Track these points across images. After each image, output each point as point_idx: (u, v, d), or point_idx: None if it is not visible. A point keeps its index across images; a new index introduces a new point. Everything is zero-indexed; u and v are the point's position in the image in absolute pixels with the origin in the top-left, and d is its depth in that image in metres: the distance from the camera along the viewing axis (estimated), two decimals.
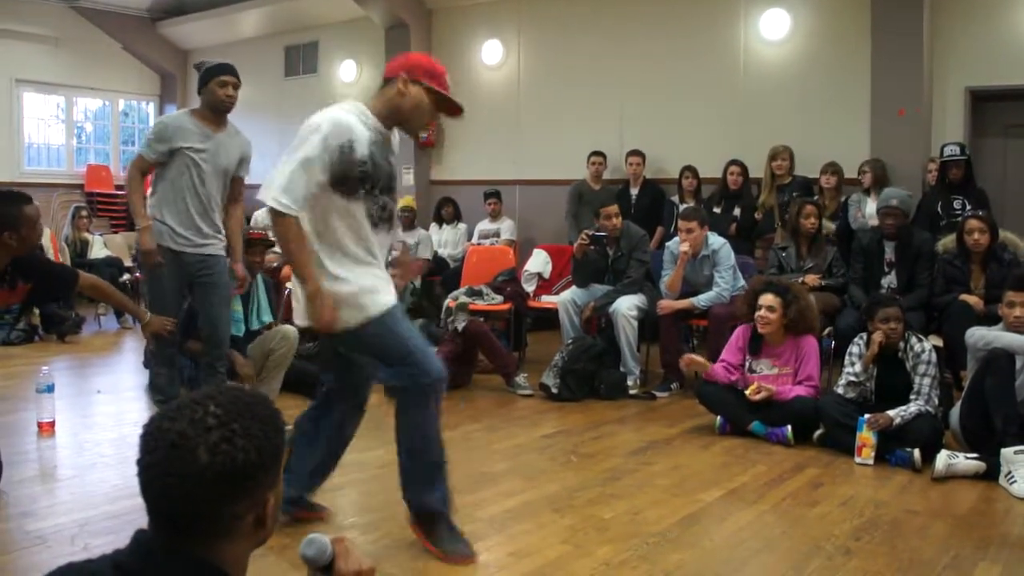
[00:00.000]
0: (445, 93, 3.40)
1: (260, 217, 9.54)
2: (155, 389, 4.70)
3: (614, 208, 6.78)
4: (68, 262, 9.67)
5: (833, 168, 7.66)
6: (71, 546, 3.49)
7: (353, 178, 3.25)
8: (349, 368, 3.68)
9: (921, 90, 7.66)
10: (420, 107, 3.38)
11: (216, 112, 4.75)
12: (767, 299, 5.37)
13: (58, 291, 4.40)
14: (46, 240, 9.41)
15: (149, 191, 4.81)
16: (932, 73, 7.80)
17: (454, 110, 3.48)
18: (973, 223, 5.87)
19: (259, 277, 5.95)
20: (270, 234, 7.24)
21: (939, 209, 6.90)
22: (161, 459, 1.31)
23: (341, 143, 3.21)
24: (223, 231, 4.97)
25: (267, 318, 5.92)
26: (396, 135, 3.52)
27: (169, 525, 1.34)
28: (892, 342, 5.00)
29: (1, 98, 12.41)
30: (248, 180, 5.15)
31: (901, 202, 6.24)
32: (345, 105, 3.37)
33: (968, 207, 6.62)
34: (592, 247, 6.78)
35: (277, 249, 9.18)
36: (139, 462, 1.35)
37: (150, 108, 14.08)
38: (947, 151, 6.88)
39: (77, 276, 4.33)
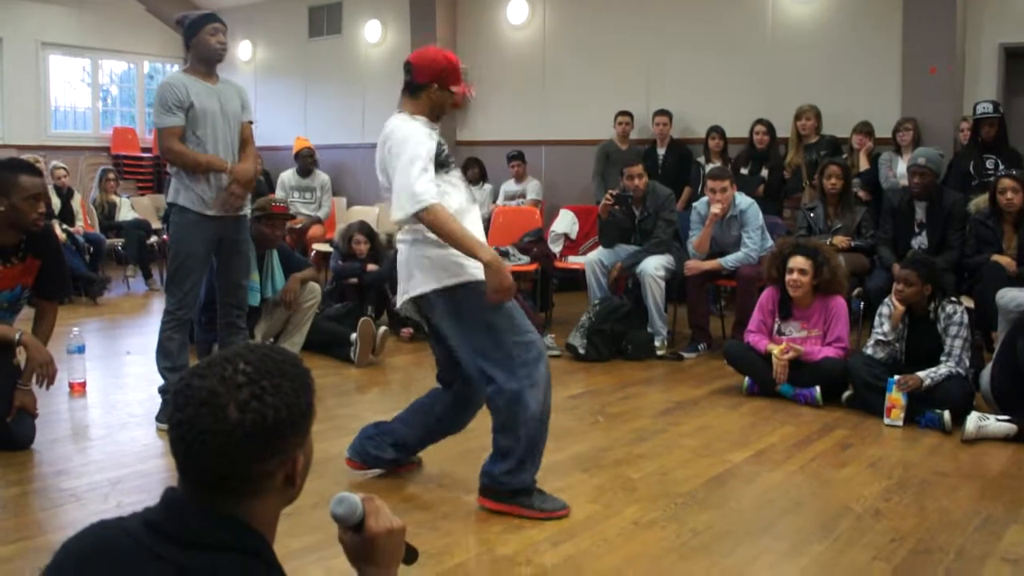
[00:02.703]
0: (464, 94, 3.73)
1: (286, 179, 9.57)
2: (164, 354, 4.66)
3: (638, 168, 6.73)
4: (96, 224, 9.73)
5: (866, 128, 7.54)
6: (104, 503, 3.54)
7: (442, 162, 3.51)
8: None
9: (953, 47, 7.52)
10: (446, 106, 3.69)
11: (209, 64, 4.65)
12: (797, 262, 5.32)
13: (55, 282, 4.40)
14: (75, 204, 9.46)
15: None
16: (965, 30, 7.66)
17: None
18: (1006, 182, 5.78)
19: (275, 250, 5.97)
20: (290, 208, 7.30)
21: (971, 169, 6.80)
22: (191, 416, 1.31)
23: (431, 143, 3.47)
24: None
25: (281, 287, 5.96)
26: None
27: (199, 483, 1.34)
28: (908, 304, 4.96)
29: (27, 61, 12.42)
30: (273, 142, 5.07)
31: (929, 160, 6.15)
32: (404, 118, 3.56)
33: (1001, 167, 6.52)
34: (617, 207, 6.74)
35: (306, 211, 9.26)
36: (169, 419, 1.35)
37: (175, 70, 14.05)
38: (980, 109, 6.77)
39: (69, 289, 4.43)
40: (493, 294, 3.35)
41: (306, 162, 9.57)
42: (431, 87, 3.60)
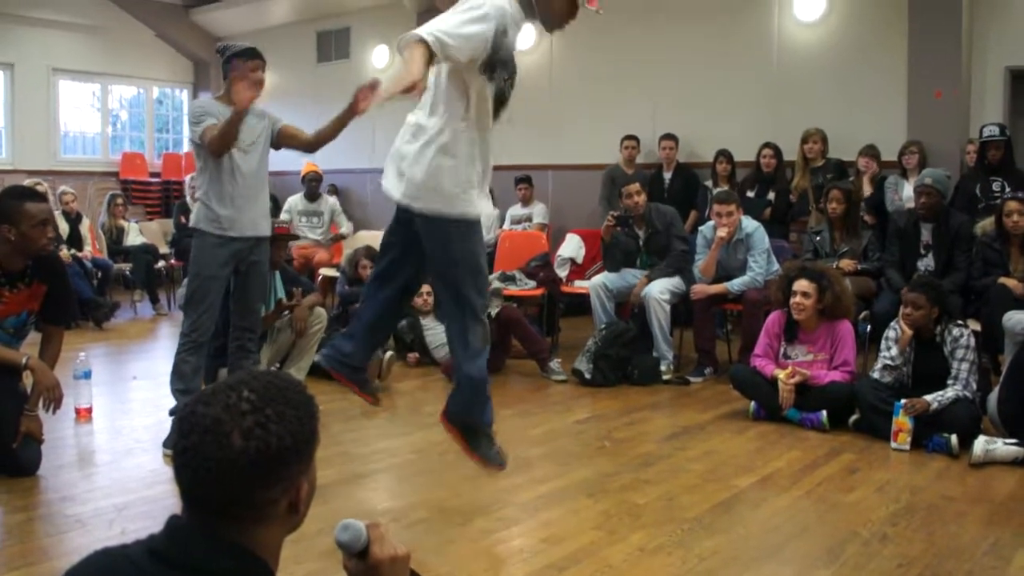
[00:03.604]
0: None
1: (293, 203, 9.59)
2: (178, 376, 4.67)
3: (635, 186, 6.74)
4: (104, 249, 9.78)
5: (871, 151, 7.56)
6: (109, 530, 3.53)
7: (500, 61, 3.40)
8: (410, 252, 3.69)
9: (959, 71, 7.54)
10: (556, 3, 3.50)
11: None
12: (801, 285, 5.32)
13: (61, 307, 4.43)
14: (84, 229, 9.50)
15: (192, 177, 4.75)
16: (970, 53, 7.68)
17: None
18: (1013, 205, 5.77)
19: (277, 272, 5.97)
20: (292, 229, 7.32)
21: (978, 191, 6.81)
22: (195, 444, 1.32)
23: (502, 26, 3.33)
24: (268, 211, 4.91)
25: None
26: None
27: (203, 510, 1.35)
28: (916, 327, 4.95)
29: (38, 86, 12.52)
30: (282, 167, 5.09)
31: (936, 181, 6.16)
32: None
33: (1008, 189, 6.52)
34: (619, 228, 6.74)
35: (313, 236, 9.27)
36: (174, 447, 1.36)
37: (184, 95, 14.16)
38: (986, 131, 6.79)
39: (76, 314, 4.48)
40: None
41: (312, 186, 9.59)
42: None
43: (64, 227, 9.22)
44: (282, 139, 4.82)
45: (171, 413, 4.74)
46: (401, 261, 3.69)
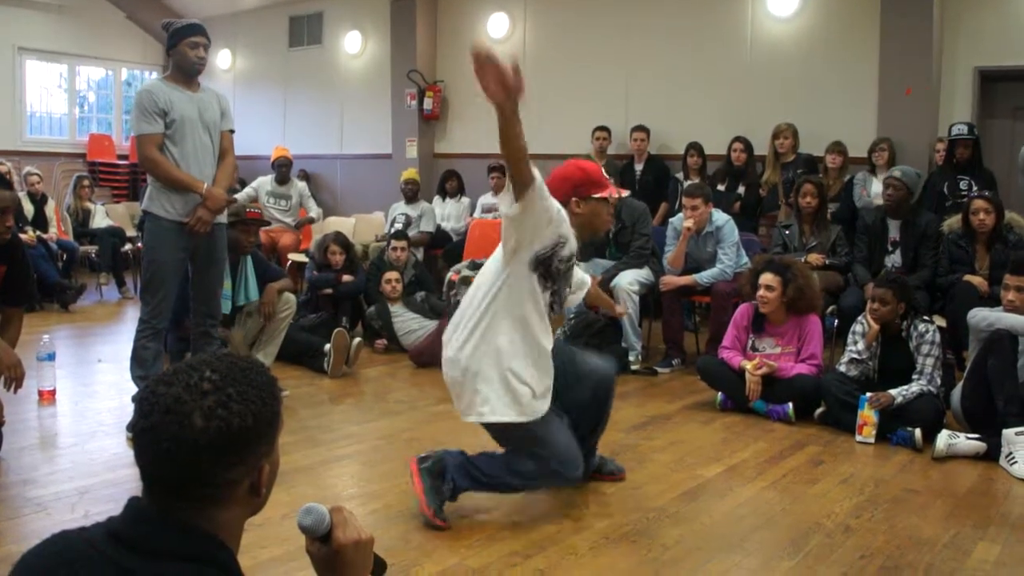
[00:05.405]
0: (613, 198, 3.74)
1: (262, 182, 9.53)
2: (138, 363, 4.61)
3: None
4: (70, 231, 9.66)
5: (838, 147, 7.61)
6: (71, 513, 3.50)
7: (551, 269, 3.52)
8: None
9: (929, 69, 7.60)
10: (597, 216, 3.75)
11: (189, 75, 4.62)
12: (766, 278, 5.35)
13: (20, 288, 4.37)
14: (49, 211, 9.38)
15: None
16: (941, 52, 7.74)
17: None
18: (979, 203, 5.83)
19: (248, 257, 5.90)
20: (264, 215, 7.26)
21: (945, 189, 6.87)
22: (156, 424, 1.30)
23: (560, 234, 3.48)
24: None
25: (254, 295, 5.89)
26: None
27: (163, 491, 1.33)
28: (883, 322, 4.99)
29: (3, 66, 12.32)
30: (251, 151, 5.05)
31: (904, 175, 6.24)
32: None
33: (975, 188, 6.58)
34: None
35: (282, 220, 9.20)
36: (134, 427, 1.34)
37: (153, 77, 13.95)
38: (955, 130, 6.84)
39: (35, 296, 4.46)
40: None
41: (282, 171, 9.54)
42: (571, 203, 3.65)
43: (29, 208, 9.10)
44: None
45: (134, 399, 4.68)
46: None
